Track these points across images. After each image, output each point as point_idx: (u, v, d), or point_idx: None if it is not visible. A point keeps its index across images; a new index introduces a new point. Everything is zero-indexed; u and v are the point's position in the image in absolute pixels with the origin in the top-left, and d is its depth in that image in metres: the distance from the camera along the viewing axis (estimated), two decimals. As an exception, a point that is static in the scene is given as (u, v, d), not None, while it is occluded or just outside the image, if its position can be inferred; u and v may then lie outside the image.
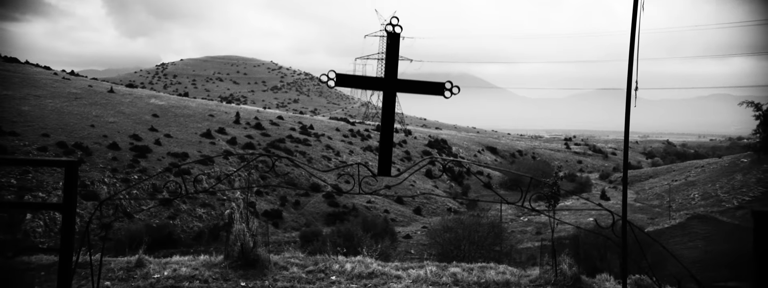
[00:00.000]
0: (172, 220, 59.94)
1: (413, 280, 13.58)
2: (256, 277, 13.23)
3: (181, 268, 13.40)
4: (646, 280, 13.85)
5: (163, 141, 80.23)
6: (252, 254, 13.99)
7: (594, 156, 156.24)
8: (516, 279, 13.88)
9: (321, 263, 14.49)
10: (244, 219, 15.18)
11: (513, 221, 74.78)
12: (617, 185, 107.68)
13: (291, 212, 71.27)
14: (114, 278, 12.75)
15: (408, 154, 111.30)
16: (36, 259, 13.77)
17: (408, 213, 78.86)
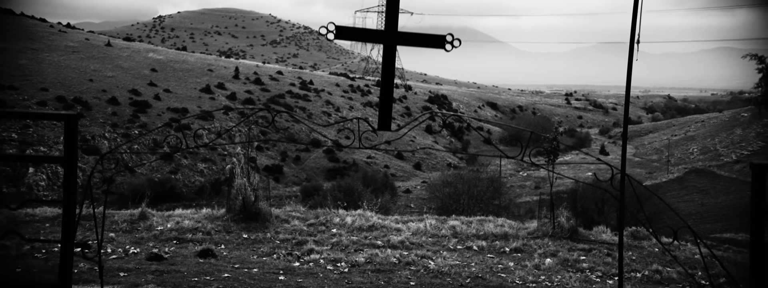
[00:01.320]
0: (174, 174, 60.39)
1: (413, 232, 13.79)
2: (258, 229, 13.43)
3: (184, 220, 13.60)
4: (642, 232, 14.07)
5: (163, 96, 79.90)
6: (253, 208, 14.16)
7: (594, 111, 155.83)
8: (514, 231, 14.09)
9: (322, 217, 14.69)
10: (245, 174, 15.29)
11: (512, 176, 75.35)
12: (617, 140, 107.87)
13: (292, 167, 71.73)
14: (118, 230, 12.94)
15: (408, 109, 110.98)
16: (40, 212, 13.94)
17: (408, 168, 79.34)
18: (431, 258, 12.05)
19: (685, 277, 11.46)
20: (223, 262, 11.40)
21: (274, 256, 11.91)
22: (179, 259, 11.38)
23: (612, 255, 12.52)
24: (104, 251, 11.53)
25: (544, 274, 11.48)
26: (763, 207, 2.14)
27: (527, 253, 12.73)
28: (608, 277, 11.43)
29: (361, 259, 11.85)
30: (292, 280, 10.51)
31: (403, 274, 11.17)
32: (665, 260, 12.53)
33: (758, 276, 2.15)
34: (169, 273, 10.51)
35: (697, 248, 12.92)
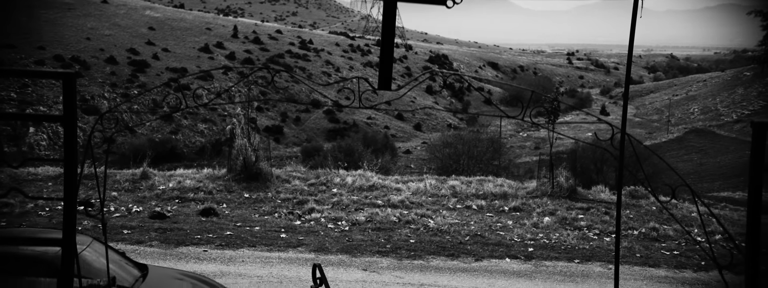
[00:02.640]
0: (174, 135, 60.49)
1: (413, 192, 13.91)
2: (259, 189, 13.54)
3: (186, 180, 13.69)
4: (640, 191, 14.18)
5: (161, 55, 79.21)
6: (254, 168, 14.25)
7: (596, 71, 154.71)
8: (513, 191, 14.22)
9: (322, 177, 14.79)
10: (245, 134, 15.31)
11: (512, 137, 75.45)
12: (618, 100, 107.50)
13: (292, 128, 71.74)
14: (120, 189, 13.06)
15: (408, 69, 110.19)
16: (42, 171, 14.04)
17: (408, 129, 79.37)
18: (431, 217, 12.20)
19: (682, 235, 11.62)
20: (225, 220, 11.54)
21: (275, 215, 12.06)
22: (182, 217, 11.52)
23: (610, 213, 12.67)
24: (107, 210, 11.65)
25: (542, 232, 11.64)
26: (762, 165, 2.15)
27: (526, 212, 12.88)
28: (605, 235, 11.59)
29: (362, 217, 12.00)
30: (293, 238, 10.68)
31: (403, 232, 11.33)
32: (662, 218, 12.68)
33: (755, 233, 2.18)
34: (172, 231, 10.66)
35: (695, 206, 13.04)
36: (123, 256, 7.16)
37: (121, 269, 6.52)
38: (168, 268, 7.61)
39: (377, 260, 9.67)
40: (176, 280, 6.87)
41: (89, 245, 6.61)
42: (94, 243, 6.74)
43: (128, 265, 6.89)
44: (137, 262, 7.19)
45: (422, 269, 9.35)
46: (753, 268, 2.23)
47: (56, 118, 2.75)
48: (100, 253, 6.62)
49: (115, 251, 7.08)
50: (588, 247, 10.76)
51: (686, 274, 9.75)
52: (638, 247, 10.93)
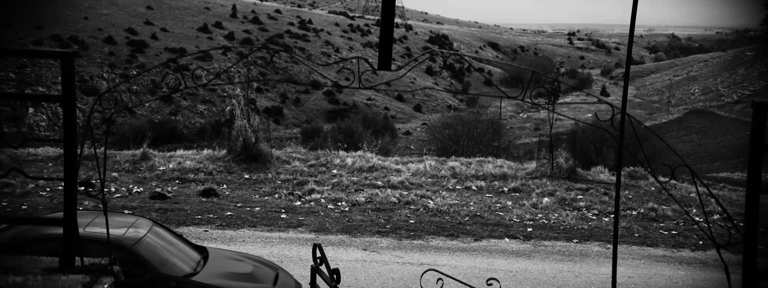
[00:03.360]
0: (174, 116, 60.39)
1: (413, 173, 13.95)
2: (259, 170, 13.57)
3: (186, 161, 13.71)
4: (639, 172, 14.22)
5: (160, 35, 78.70)
6: (254, 149, 14.26)
7: (597, 51, 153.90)
8: (513, 172, 14.25)
9: (322, 158, 14.81)
10: (245, 115, 15.29)
11: (512, 118, 75.37)
12: (618, 81, 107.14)
13: (291, 109, 71.62)
14: (121, 170, 13.08)
15: (408, 50, 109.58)
16: (42, 151, 14.05)
17: (408, 110, 79.25)
18: (430, 197, 12.25)
19: (680, 215, 11.68)
20: (226, 201, 11.59)
21: (275, 195, 12.10)
22: (182, 198, 11.57)
23: (609, 194, 12.72)
24: (108, 190, 11.69)
25: (542, 212, 11.70)
26: (762, 145, 2.15)
27: (525, 193, 12.93)
28: (604, 215, 11.65)
29: (362, 198, 12.05)
30: (293, 219, 10.73)
31: (403, 212, 11.39)
32: (661, 199, 12.73)
33: (753, 213, 2.19)
34: (173, 211, 10.71)
35: (694, 186, 13.08)
36: (182, 238, 7.17)
37: (183, 253, 6.56)
38: (226, 250, 7.66)
39: (377, 240, 9.73)
40: (236, 261, 6.90)
41: (150, 230, 6.64)
42: (155, 227, 6.76)
43: (189, 248, 6.91)
44: (197, 245, 7.23)
45: (422, 249, 9.41)
46: (751, 246, 2.24)
47: (55, 99, 2.74)
48: (162, 237, 6.63)
49: (175, 234, 7.12)
50: (587, 227, 10.82)
51: (684, 253, 9.82)
52: (637, 227, 10.99)
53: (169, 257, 6.35)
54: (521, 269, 8.79)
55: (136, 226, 6.57)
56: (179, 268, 6.20)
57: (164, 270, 6.05)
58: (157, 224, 7.01)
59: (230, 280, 6.23)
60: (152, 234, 6.52)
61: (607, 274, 8.54)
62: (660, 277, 8.74)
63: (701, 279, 8.70)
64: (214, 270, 6.42)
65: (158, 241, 6.48)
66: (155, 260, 6.09)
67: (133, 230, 6.39)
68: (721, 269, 7.31)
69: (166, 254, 6.36)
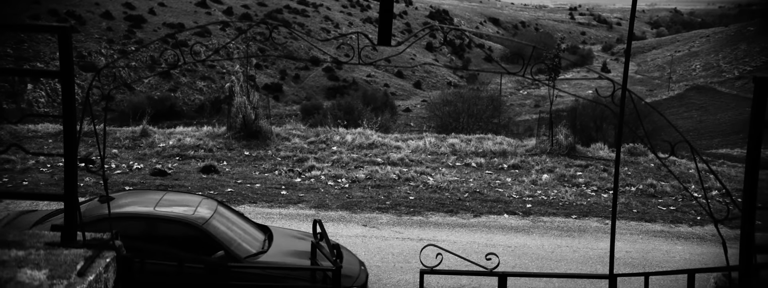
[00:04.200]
0: (173, 92, 60.20)
1: (412, 150, 13.97)
2: (259, 147, 13.59)
3: (186, 138, 13.72)
4: (639, 149, 14.24)
5: (158, 10, 77.95)
6: (254, 126, 14.24)
7: (598, 27, 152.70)
8: (512, 149, 14.27)
9: (322, 135, 14.81)
10: (244, 92, 15.23)
11: (512, 94, 75.17)
12: (619, 57, 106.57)
13: (291, 86, 71.35)
14: (121, 146, 13.10)
15: (408, 25, 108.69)
16: (42, 128, 14.04)
17: (408, 87, 78.98)
18: (430, 174, 12.29)
19: (679, 191, 11.73)
20: (226, 177, 11.63)
21: (275, 172, 12.14)
22: (183, 174, 11.60)
23: (608, 171, 12.76)
24: (108, 167, 11.72)
25: (541, 188, 11.75)
26: (762, 120, 2.15)
27: (525, 169, 12.97)
28: (603, 191, 11.71)
29: (362, 175, 12.09)
30: (294, 195, 10.78)
31: (403, 189, 11.44)
32: (660, 175, 12.78)
33: (752, 188, 2.20)
34: (173, 187, 10.74)
35: (694, 162, 13.12)
36: (244, 217, 7.13)
37: (248, 234, 6.52)
38: (286, 228, 7.61)
39: (377, 216, 9.79)
40: (299, 239, 6.88)
41: (216, 209, 6.58)
42: (219, 206, 6.72)
43: (252, 227, 6.89)
44: (259, 224, 7.20)
45: (421, 225, 9.48)
46: (749, 221, 2.26)
47: (53, 74, 2.73)
48: (227, 216, 6.60)
49: (238, 214, 7.08)
50: (585, 204, 10.88)
51: (681, 228, 9.89)
52: (635, 203, 11.05)
53: (237, 236, 6.32)
54: (520, 244, 8.87)
55: (203, 205, 6.54)
56: (246, 247, 6.15)
57: (233, 249, 5.99)
58: (221, 203, 7.00)
59: (297, 258, 6.19)
60: (218, 213, 6.49)
61: (605, 248, 8.61)
62: (657, 252, 8.82)
63: (698, 253, 8.79)
64: (280, 248, 6.38)
65: (225, 220, 6.47)
66: (225, 239, 6.06)
67: (201, 209, 6.36)
68: (719, 244, 7.36)
69: (234, 233, 6.34)
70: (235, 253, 5.93)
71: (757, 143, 2.23)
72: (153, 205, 6.24)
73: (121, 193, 7.11)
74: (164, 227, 6.00)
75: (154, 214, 6.05)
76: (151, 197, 6.62)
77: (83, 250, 2.58)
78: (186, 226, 6.00)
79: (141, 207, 6.24)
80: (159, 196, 6.65)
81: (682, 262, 8.37)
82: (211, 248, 5.92)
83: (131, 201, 6.56)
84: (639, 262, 8.37)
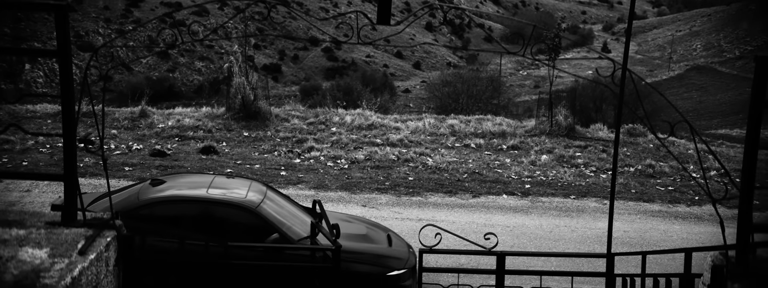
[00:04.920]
0: (172, 73, 59.96)
1: (412, 131, 13.96)
2: (258, 128, 13.57)
3: (185, 119, 13.70)
4: (638, 129, 14.25)
5: (154, -10, 77.22)
6: (253, 107, 14.21)
7: (599, 6, 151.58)
8: (512, 129, 14.27)
9: (321, 116, 14.79)
10: (243, 72, 15.15)
11: (512, 75, 74.90)
12: (620, 37, 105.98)
13: (290, 66, 71.05)
14: (120, 127, 13.08)
15: (408, 5, 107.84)
16: (40, 108, 14.01)
17: (407, 67, 78.66)
18: (429, 155, 12.31)
19: (677, 171, 11.77)
20: (226, 158, 11.64)
21: (275, 153, 12.15)
22: (182, 155, 11.61)
23: (607, 151, 12.78)
24: (108, 147, 11.72)
25: (540, 169, 11.78)
26: (762, 100, 2.14)
27: (524, 150, 12.99)
28: (602, 172, 11.74)
29: (361, 156, 12.10)
30: (293, 176, 10.80)
31: (402, 170, 11.46)
32: (659, 155, 12.81)
33: (751, 168, 2.20)
34: (173, 168, 10.76)
35: (693, 143, 13.14)
36: (292, 200, 7.08)
37: (297, 217, 6.48)
38: (332, 211, 7.54)
39: (376, 197, 9.83)
40: (349, 222, 6.87)
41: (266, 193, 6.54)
42: (269, 191, 6.69)
43: (301, 210, 6.84)
44: (304, 206, 7.15)
45: (420, 205, 9.52)
46: (747, 199, 2.26)
47: (51, 53, 2.71)
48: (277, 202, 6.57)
49: (286, 197, 7.04)
50: (584, 184, 10.92)
51: (679, 208, 9.95)
52: (634, 183, 11.09)
53: (288, 219, 6.31)
54: (519, 224, 8.92)
55: (253, 188, 6.52)
56: (298, 230, 6.12)
57: (287, 231, 5.96)
58: (269, 187, 6.98)
59: (349, 241, 6.13)
60: (268, 196, 6.48)
61: (603, 228, 8.66)
62: (655, 232, 8.88)
63: (696, 233, 8.85)
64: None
65: (275, 204, 6.46)
66: (277, 222, 6.06)
67: (252, 193, 6.35)
68: (716, 223, 7.37)
69: (285, 216, 6.33)
70: (289, 236, 5.90)
71: (757, 122, 2.23)
72: (205, 189, 6.25)
73: (170, 176, 7.13)
74: (218, 210, 6.01)
75: (208, 197, 6.05)
76: (202, 180, 6.63)
77: (84, 230, 2.59)
78: (240, 210, 6.00)
79: (193, 190, 6.23)
80: (209, 179, 6.66)
81: (680, 242, 8.43)
82: (265, 231, 5.90)
83: (182, 184, 6.58)
84: (637, 242, 8.43)
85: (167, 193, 6.13)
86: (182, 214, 5.93)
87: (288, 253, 5.71)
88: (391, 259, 6.19)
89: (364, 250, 6.12)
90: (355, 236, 6.39)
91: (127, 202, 6.02)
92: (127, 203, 5.99)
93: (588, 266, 7.30)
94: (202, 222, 5.98)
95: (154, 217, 5.90)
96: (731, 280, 2.54)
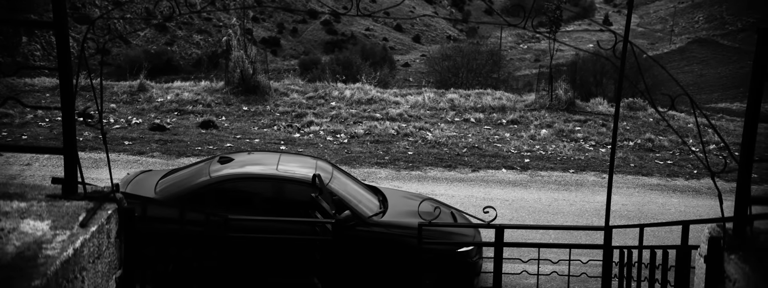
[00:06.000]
0: (170, 46, 59.53)
1: (411, 105, 13.92)
2: (257, 102, 13.53)
3: (183, 93, 13.65)
4: (638, 103, 14.22)
5: (151, -37, 76.17)
6: (252, 81, 14.14)
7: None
8: (511, 104, 14.23)
9: (321, 90, 14.73)
10: (241, 46, 15.03)
11: (512, 49, 74.38)
12: (622, 9, 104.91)
13: (289, 40, 70.50)
14: (118, 101, 13.05)
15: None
16: (39, 82, 13.95)
17: (407, 41, 78.08)
18: (429, 129, 12.30)
19: (676, 145, 11.79)
20: (225, 132, 11.63)
21: (274, 127, 12.14)
22: (181, 129, 11.60)
23: (606, 125, 12.77)
24: (107, 121, 11.70)
25: (539, 143, 11.79)
26: (764, 72, 2.13)
27: (523, 125, 12.98)
28: (601, 146, 11.76)
29: (360, 130, 12.10)
30: (293, 150, 10.81)
31: (401, 144, 11.47)
32: (658, 129, 12.81)
33: (751, 139, 2.20)
34: (172, 142, 10.77)
35: (693, 116, 13.13)
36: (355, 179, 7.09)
37: (363, 196, 6.50)
38: (394, 189, 7.60)
39: (376, 171, 9.86)
40: (411, 199, 6.88)
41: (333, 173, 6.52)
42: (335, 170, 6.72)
43: (365, 189, 6.86)
44: (366, 184, 7.18)
45: (420, 179, 9.56)
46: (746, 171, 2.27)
47: (47, 24, 2.69)
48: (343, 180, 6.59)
49: (349, 176, 7.05)
50: (583, 158, 10.95)
51: (678, 182, 9.99)
52: (633, 157, 11.12)
53: (356, 196, 6.33)
54: (517, 198, 8.97)
55: (320, 166, 6.55)
56: (364, 208, 6.12)
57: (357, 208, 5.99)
58: (334, 165, 7.00)
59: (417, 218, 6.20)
60: (335, 175, 6.51)
61: (602, 202, 8.71)
62: (653, 205, 8.93)
63: (693, 206, 8.90)
64: (397, 208, 6.33)
65: (342, 182, 6.49)
66: (347, 199, 6.09)
67: (320, 171, 6.37)
68: (713, 197, 7.41)
69: (352, 193, 6.36)
70: (361, 213, 5.92)
71: (758, 94, 2.22)
72: (275, 166, 6.29)
73: (237, 154, 7.20)
74: (290, 188, 6.04)
75: (279, 175, 6.09)
76: (269, 158, 6.69)
77: (84, 202, 2.61)
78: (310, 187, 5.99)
79: (264, 168, 6.27)
80: (275, 156, 6.71)
81: (678, 215, 8.49)
82: (338, 209, 5.92)
83: (251, 161, 6.64)
84: (635, 215, 8.49)
85: (238, 170, 6.21)
86: (254, 192, 5.98)
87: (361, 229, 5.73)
88: (459, 236, 6.23)
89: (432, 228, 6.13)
90: (423, 213, 6.40)
91: (200, 180, 6.10)
92: (200, 181, 6.08)
93: (586, 239, 7.36)
94: (274, 199, 6.03)
95: (227, 194, 6.02)
96: (728, 251, 2.57)
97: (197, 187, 5.93)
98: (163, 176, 6.56)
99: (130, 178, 6.71)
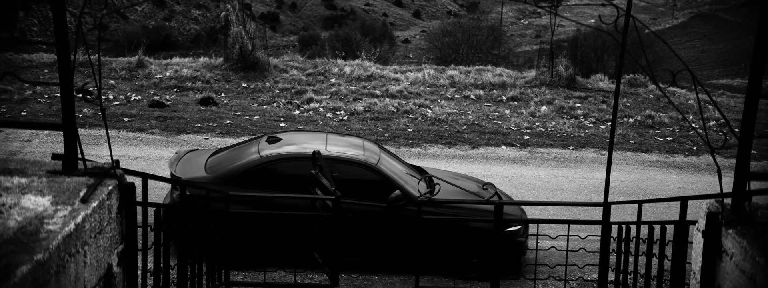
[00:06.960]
0: (168, 22, 59.05)
1: (411, 82, 13.87)
2: (256, 78, 13.48)
3: (182, 69, 13.58)
4: (639, 80, 14.17)
5: (147, -63, 75.08)
6: (251, 57, 14.06)
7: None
8: (512, 80, 14.18)
9: (320, 66, 14.66)
10: (240, 21, 14.90)
11: (513, 24, 73.81)
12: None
13: (288, 15, 69.91)
14: (117, 77, 12.99)
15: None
16: (37, 57, 13.87)
17: (407, 16, 77.45)
18: (429, 106, 12.27)
19: (676, 122, 11.78)
20: (225, 109, 11.61)
21: (274, 104, 12.11)
22: (181, 106, 11.58)
23: (607, 102, 12.74)
24: (106, 98, 11.67)
25: (539, 120, 11.78)
26: (766, 48, 2.12)
27: (524, 101, 12.95)
28: (601, 123, 11.75)
29: (360, 107, 12.07)
30: (293, 127, 10.80)
31: (401, 121, 11.46)
32: (659, 106, 12.79)
33: (751, 116, 2.20)
34: (172, 119, 10.76)
35: (694, 93, 13.10)
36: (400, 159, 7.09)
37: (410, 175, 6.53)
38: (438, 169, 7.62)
39: (376, 147, 9.87)
40: (461, 180, 6.92)
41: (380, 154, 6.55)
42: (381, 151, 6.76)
43: (411, 169, 6.86)
44: (411, 164, 7.19)
45: (420, 156, 9.57)
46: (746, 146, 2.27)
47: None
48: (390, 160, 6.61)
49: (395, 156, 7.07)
50: (583, 135, 10.95)
51: (677, 158, 10.01)
52: (633, 134, 11.12)
53: (404, 177, 6.35)
54: (517, 175, 8.99)
55: (367, 146, 6.62)
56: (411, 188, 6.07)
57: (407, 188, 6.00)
58: (380, 146, 7.04)
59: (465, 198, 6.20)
60: (382, 155, 6.55)
61: (601, 178, 8.74)
62: (652, 181, 8.96)
63: (692, 182, 8.94)
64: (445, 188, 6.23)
65: (389, 162, 6.53)
66: (396, 178, 6.13)
67: (368, 152, 6.43)
68: (712, 173, 7.44)
69: (399, 173, 6.38)
70: (411, 193, 5.92)
71: (760, 69, 2.21)
72: (323, 146, 6.33)
73: (284, 133, 7.25)
74: (340, 168, 6.05)
75: (329, 155, 6.10)
76: (317, 138, 6.73)
77: (85, 178, 2.61)
78: (361, 167, 6.10)
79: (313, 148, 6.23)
80: (323, 136, 6.77)
81: (677, 191, 8.53)
82: (387, 188, 5.99)
83: (299, 141, 6.68)
84: (633, 191, 8.53)
85: (288, 149, 6.27)
86: (303, 171, 5.98)
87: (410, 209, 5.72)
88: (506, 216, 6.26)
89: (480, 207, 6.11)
90: (471, 194, 6.42)
91: (250, 159, 6.16)
92: (250, 159, 6.15)
93: (585, 216, 7.42)
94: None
95: (276, 174, 6.11)
96: (726, 226, 2.58)
97: (248, 166, 6.03)
98: (211, 154, 6.64)
99: (180, 157, 6.79)
